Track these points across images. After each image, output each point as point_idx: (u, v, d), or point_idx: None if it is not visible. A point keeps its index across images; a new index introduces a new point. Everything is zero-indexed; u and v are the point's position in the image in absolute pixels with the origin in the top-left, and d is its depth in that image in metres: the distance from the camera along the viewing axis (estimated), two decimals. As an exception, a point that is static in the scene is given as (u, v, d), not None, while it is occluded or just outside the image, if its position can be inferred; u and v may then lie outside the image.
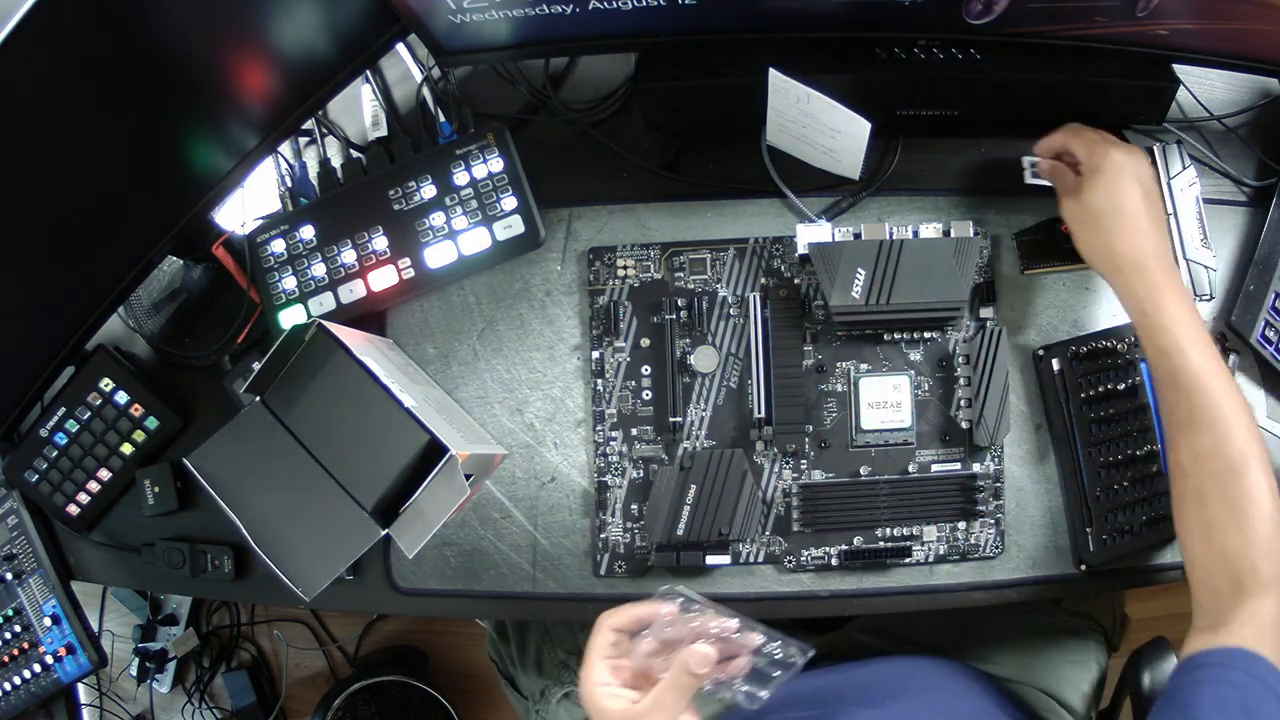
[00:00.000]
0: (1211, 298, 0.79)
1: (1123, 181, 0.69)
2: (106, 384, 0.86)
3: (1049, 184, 0.75)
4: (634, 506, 0.79)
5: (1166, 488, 0.75)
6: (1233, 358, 0.77)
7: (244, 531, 0.67)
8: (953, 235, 0.74)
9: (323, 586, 0.68)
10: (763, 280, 0.80)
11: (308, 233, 0.83)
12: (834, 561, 0.77)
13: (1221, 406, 0.62)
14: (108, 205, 0.72)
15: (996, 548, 0.77)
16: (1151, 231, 0.68)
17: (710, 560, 0.77)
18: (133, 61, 0.63)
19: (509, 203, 0.81)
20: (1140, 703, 0.78)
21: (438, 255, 0.82)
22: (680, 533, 0.76)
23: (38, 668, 0.88)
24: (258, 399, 0.70)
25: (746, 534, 0.77)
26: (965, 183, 0.82)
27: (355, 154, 0.88)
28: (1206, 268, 0.79)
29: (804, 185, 0.81)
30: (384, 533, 0.67)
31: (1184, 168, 0.81)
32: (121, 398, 0.86)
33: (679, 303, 0.80)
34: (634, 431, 0.79)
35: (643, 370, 0.80)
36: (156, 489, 0.86)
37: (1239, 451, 0.61)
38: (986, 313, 0.78)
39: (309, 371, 0.69)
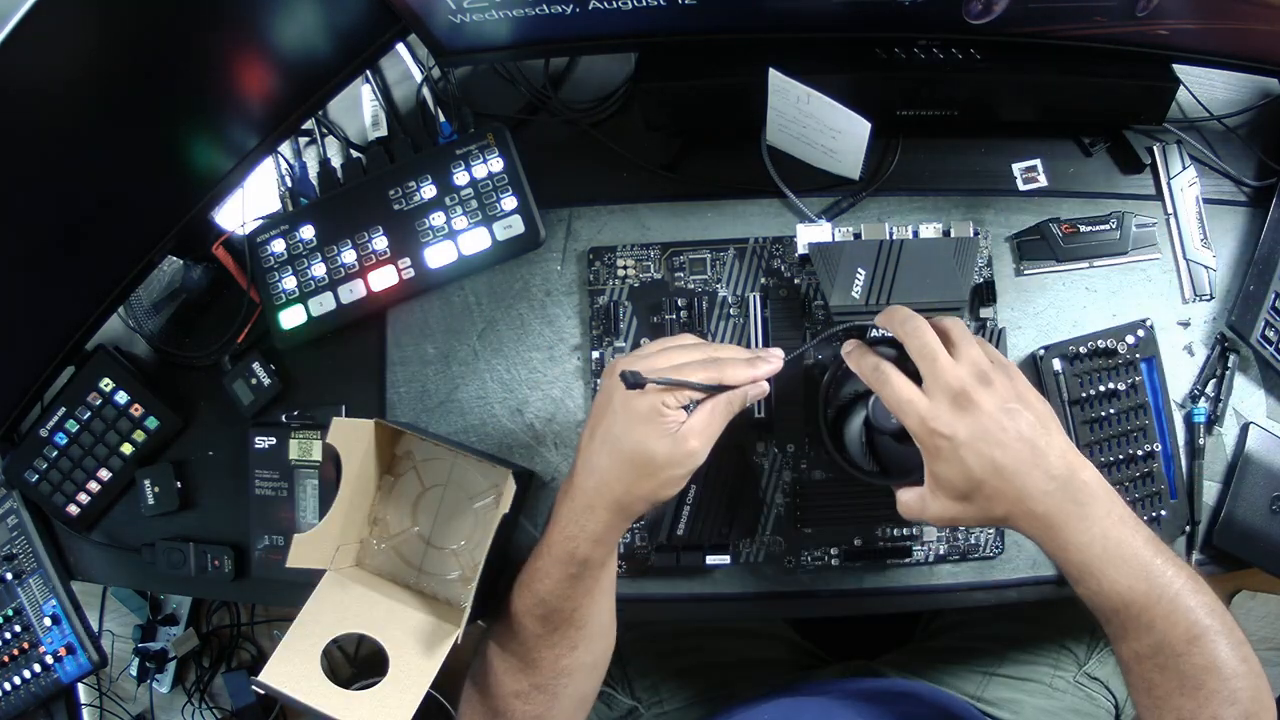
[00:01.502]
0: (1211, 298, 0.79)
1: (979, 443, 0.59)
2: (106, 384, 0.86)
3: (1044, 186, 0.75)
4: (634, 506, 0.79)
5: (1165, 488, 0.75)
6: (1232, 358, 0.77)
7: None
8: (953, 235, 0.74)
9: None
10: (763, 280, 0.80)
11: (308, 233, 0.83)
12: (834, 561, 0.77)
13: (1159, 605, 0.57)
14: (108, 205, 0.72)
15: (996, 548, 0.77)
16: (1026, 463, 0.58)
17: (710, 560, 0.76)
18: (133, 61, 0.63)
19: (509, 203, 0.82)
20: None
21: (438, 255, 0.82)
22: (680, 533, 0.75)
23: (38, 668, 0.88)
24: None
25: (746, 534, 0.77)
26: (965, 183, 0.82)
27: (355, 154, 0.88)
28: (1206, 268, 0.79)
29: (804, 185, 0.81)
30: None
31: (1184, 168, 0.81)
32: (121, 398, 0.86)
33: (679, 303, 0.80)
34: (634, 431, 0.79)
35: (643, 370, 0.80)
36: (156, 489, 0.86)
37: (1183, 635, 0.56)
38: (986, 313, 0.78)
39: None
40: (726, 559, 0.77)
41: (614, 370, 0.63)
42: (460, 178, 0.82)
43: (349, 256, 0.83)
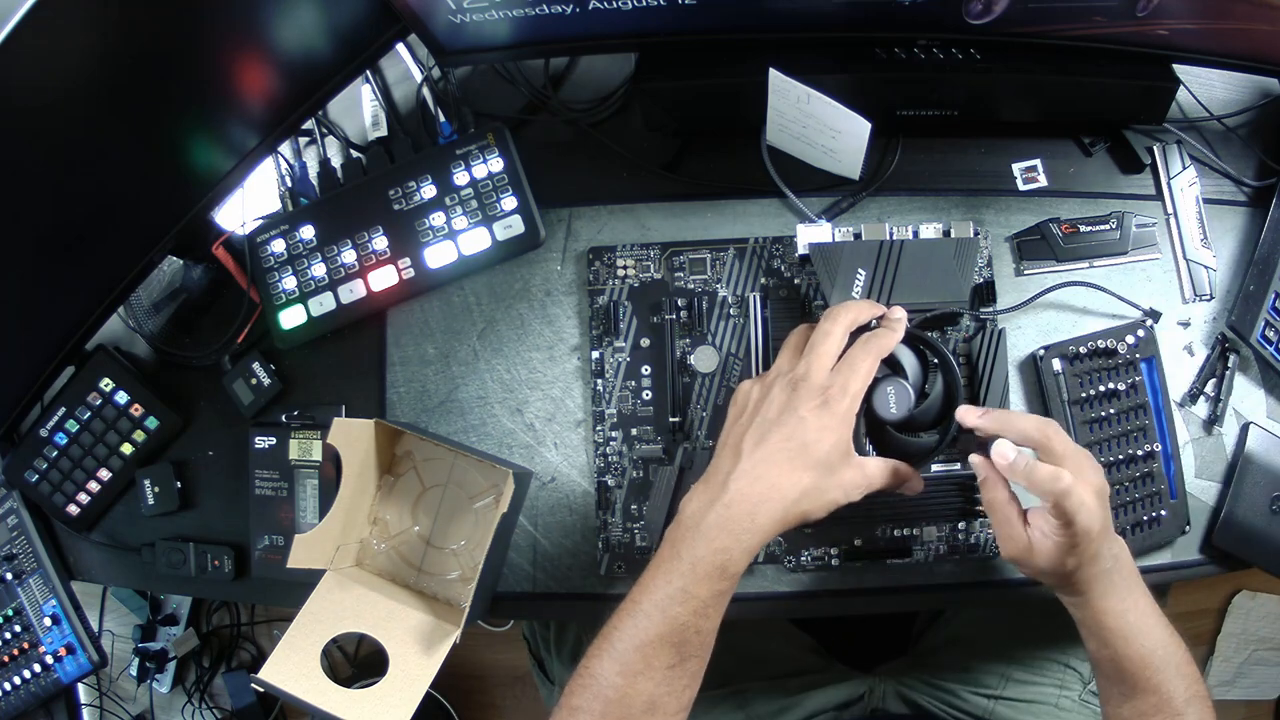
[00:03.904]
0: (1211, 298, 0.79)
1: (1113, 535, 0.62)
2: (106, 384, 0.86)
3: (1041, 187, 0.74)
4: (634, 506, 0.79)
5: (1165, 488, 0.75)
6: (1232, 358, 0.77)
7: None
8: (953, 235, 0.74)
9: None
10: (763, 280, 0.80)
11: (308, 233, 0.83)
12: (834, 561, 0.77)
13: (1164, 671, 0.61)
14: (108, 205, 0.72)
15: (996, 548, 0.77)
16: (1105, 546, 0.62)
17: (710, 560, 0.76)
18: (133, 61, 0.63)
19: (509, 203, 0.82)
20: None
21: (438, 255, 0.82)
22: (680, 533, 0.75)
23: (38, 668, 0.88)
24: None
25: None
26: (965, 183, 0.82)
27: (355, 154, 0.88)
28: (1206, 268, 0.79)
29: (804, 185, 0.81)
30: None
31: (1184, 168, 0.81)
32: (121, 398, 0.86)
33: (679, 303, 0.80)
34: (634, 431, 0.79)
35: (643, 370, 0.80)
36: (156, 489, 0.86)
37: (1181, 700, 0.61)
38: (986, 312, 0.78)
39: None
40: (726, 559, 0.77)
41: (789, 378, 0.63)
42: (460, 178, 0.82)
43: (349, 256, 0.83)
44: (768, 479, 0.60)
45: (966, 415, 0.65)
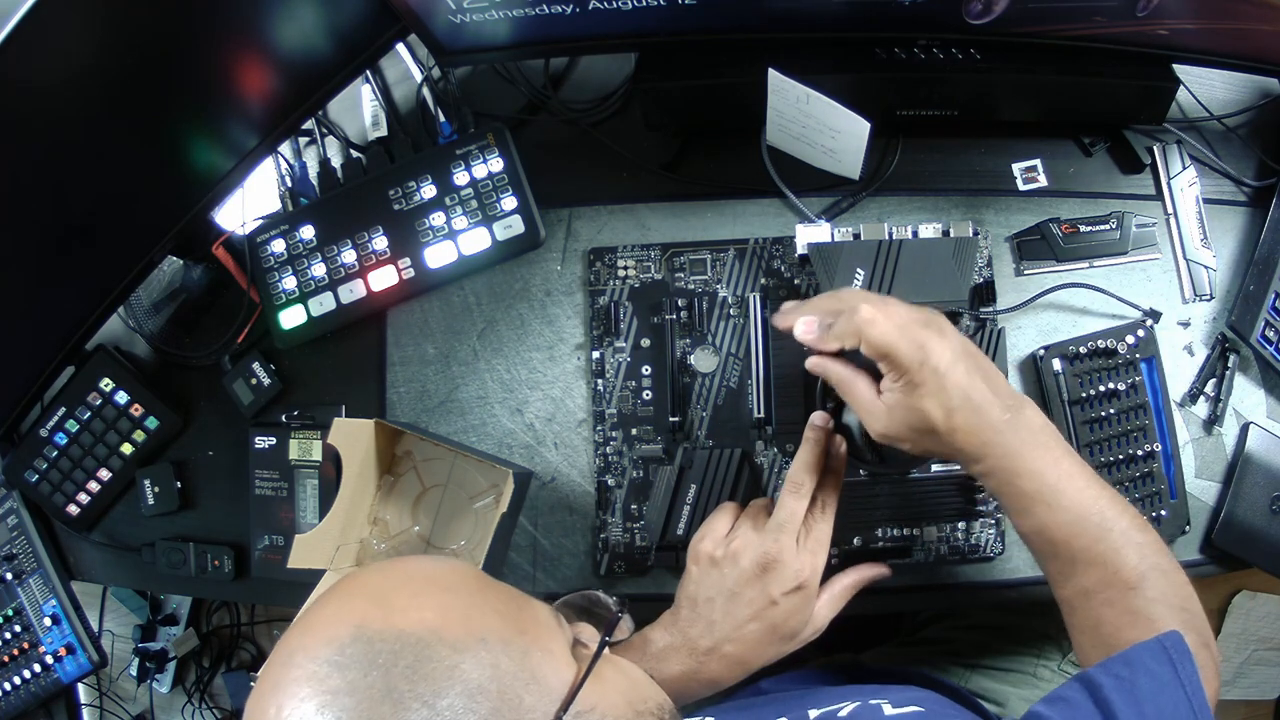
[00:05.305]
0: (1211, 298, 0.79)
1: (958, 366, 0.57)
2: (106, 384, 0.86)
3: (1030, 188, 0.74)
4: (634, 506, 0.79)
5: (1165, 488, 0.75)
6: (1232, 358, 0.77)
7: None
8: (952, 235, 0.74)
9: None
10: (763, 280, 0.80)
11: (308, 233, 0.83)
12: (834, 561, 0.77)
13: (1106, 540, 0.56)
14: (108, 205, 0.72)
15: (996, 548, 0.77)
16: (988, 394, 0.58)
17: (710, 560, 0.76)
18: (133, 61, 0.63)
19: (509, 203, 0.82)
20: None
21: (438, 255, 0.82)
22: (680, 533, 0.75)
23: (38, 668, 0.88)
24: None
25: (746, 534, 0.77)
26: (965, 183, 0.82)
27: (355, 154, 0.88)
28: (1206, 268, 0.79)
29: (804, 185, 0.81)
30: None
31: (1184, 168, 0.81)
32: (121, 398, 0.86)
33: (679, 303, 0.80)
34: (634, 431, 0.79)
35: (643, 370, 0.80)
36: (156, 489, 0.86)
37: (1133, 570, 0.55)
38: (986, 312, 0.78)
39: None
40: (726, 559, 0.77)
41: (758, 558, 0.64)
42: (460, 178, 0.82)
43: (349, 256, 0.83)
44: (739, 658, 0.64)
45: (781, 320, 0.65)
